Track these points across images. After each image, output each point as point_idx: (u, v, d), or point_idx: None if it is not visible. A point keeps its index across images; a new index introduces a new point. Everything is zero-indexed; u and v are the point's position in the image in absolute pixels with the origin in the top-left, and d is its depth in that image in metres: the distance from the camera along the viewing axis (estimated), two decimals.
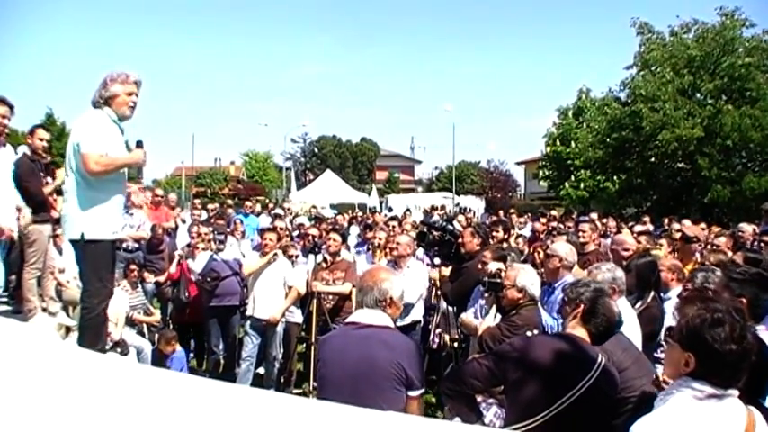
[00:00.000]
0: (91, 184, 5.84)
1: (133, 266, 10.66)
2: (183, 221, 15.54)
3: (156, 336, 10.28)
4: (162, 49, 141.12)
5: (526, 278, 6.08)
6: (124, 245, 11.67)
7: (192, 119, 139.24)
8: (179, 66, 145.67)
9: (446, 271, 8.04)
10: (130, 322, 9.98)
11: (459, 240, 8.35)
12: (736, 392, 2.84)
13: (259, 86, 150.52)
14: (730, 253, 8.67)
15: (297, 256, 10.25)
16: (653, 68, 30.68)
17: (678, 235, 10.06)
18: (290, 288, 9.40)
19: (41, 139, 8.57)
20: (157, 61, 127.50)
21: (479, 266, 7.23)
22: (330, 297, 9.22)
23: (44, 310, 8.59)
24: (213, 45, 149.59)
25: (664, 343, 3.12)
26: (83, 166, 5.74)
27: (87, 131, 5.83)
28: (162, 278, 11.61)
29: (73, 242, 5.99)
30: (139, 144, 6.27)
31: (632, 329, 5.21)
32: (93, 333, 5.91)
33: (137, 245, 11.95)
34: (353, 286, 9.39)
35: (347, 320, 4.44)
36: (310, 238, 11.00)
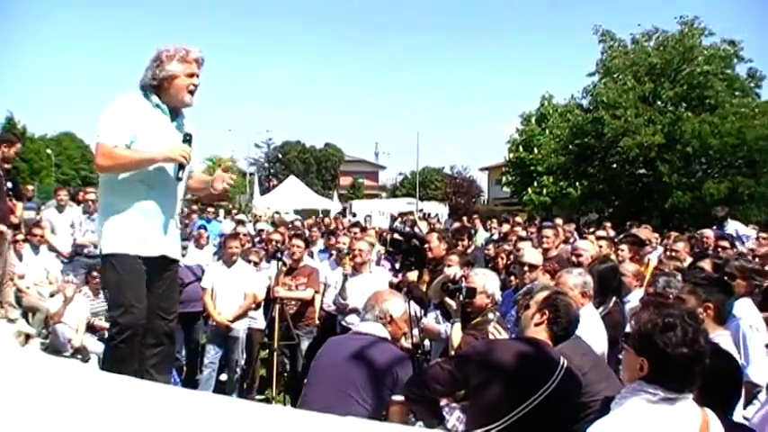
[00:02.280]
0: (110, 186, 4.91)
1: (95, 272, 10.52)
2: None
3: None
4: (124, 53, 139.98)
5: (493, 284, 6.13)
6: (85, 250, 11.55)
7: None
8: (139, 67, 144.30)
9: (413, 276, 8.04)
10: (92, 329, 9.86)
11: (426, 245, 8.37)
12: (690, 396, 2.86)
13: (223, 91, 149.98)
14: (688, 258, 8.81)
15: (259, 262, 10.17)
16: (615, 76, 30.99)
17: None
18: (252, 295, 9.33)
19: (17, 153, 8.44)
20: (119, 65, 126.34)
21: (445, 270, 7.25)
22: (293, 303, 9.23)
23: (4, 317, 8.49)
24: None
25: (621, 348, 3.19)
26: (96, 158, 4.79)
27: (106, 118, 4.80)
28: None
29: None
30: (187, 139, 5.00)
31: (599, 335, 5.24)
32: (116, 365, 4.70)
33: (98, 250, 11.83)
34: (316, 292, 9.40)
35: (351, 330, 5.03)
36: (273, 243, 10.93)
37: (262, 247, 11.70)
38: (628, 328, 5.22)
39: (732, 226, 13.19)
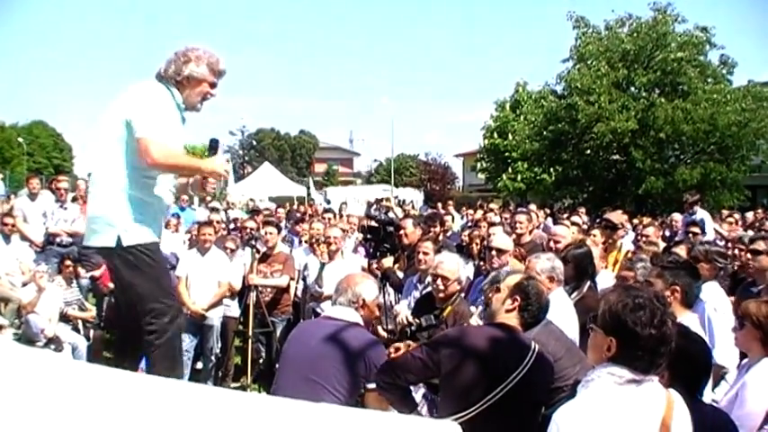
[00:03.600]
0: (134, 179, 4.61)
1: (68, 262, 10.45)
2: None
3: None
4: (90, 38, 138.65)
5: (463, 269, 6.16)
6: (58, 239, 11.44)
7: None
8: (109, 54, 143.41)
9: (388, 262, 8.05)
10: (65, 318, 9.80)
11: (402, 231, 8.38)
12: (655, 378, 2.90)
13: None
14: (662, 242, 8.93)
15: (234, 250, 10.11)
16: (588, 62, 31.07)
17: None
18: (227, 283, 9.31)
19: None
20: (85, 49, 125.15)
21: (419, 257, 7.25)
22: (268, 290, 9.19)
23: None
24: (148, 34, 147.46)
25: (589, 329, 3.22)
26: (139, 153, 4.46)
27: (149, 109, 4.53)
28: (98, 273, 11.36)
29: (107, 252, 4.69)
30: (214, 145, 5.04)
31: (569, 320, 5.27)
32: (169, 361, 4.77)
33: (71, 239, 11.73)
34: (291, 279, 9.38)
35: (322, 315, 4.78)
36: (248, 230, 10.86)
37: (236, 234, 11.67)
38: None
39: (700, 214, 13.22)
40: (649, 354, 2.85)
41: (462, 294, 6.27)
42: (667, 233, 12.21)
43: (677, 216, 12.99)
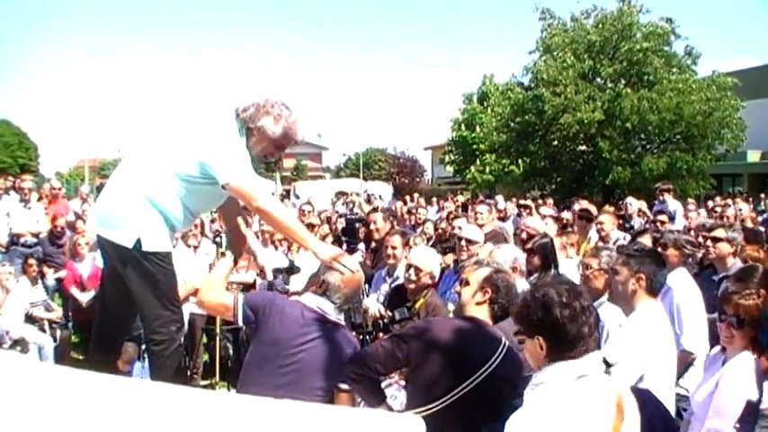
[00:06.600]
0: (173, 201, 4.55)
1: (32, 261, 10.31)
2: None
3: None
4: (57, 35, 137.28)
5: (437, 267, 6.14)
6: (22, 239, 11.30)
7: (92, 109, 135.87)
8: (74, 56, 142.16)
9: (358, 257, 8.03)
10: (31, 319, 9.67)
11: (372, 226, 8.37)
12: (597, 368, 2.90)
13: (164, 72, 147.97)
14: (615, 230, 8.98)
15: (197, 246, 10.00)
16: (554, 53, 31.21)
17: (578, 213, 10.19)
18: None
19: None
20: (53, 47, 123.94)
21: (388, 251, 7.21)
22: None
23: None
24: (111, 33, 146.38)
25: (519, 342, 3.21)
26: (242, 198, 4.58)
27: (236, 156, 4.48)
28: (63, 273, 11.23)
29: (121, 251, 4.54)
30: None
31: None
32: (174, 367, 4.87)
33: (35, 239, 11.60)
34: (258, 275, 9.31)
35: (306, 305, 4.25)
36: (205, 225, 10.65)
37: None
38: None
39: (673, 205, 13.21)
40: (574, 335, 2.86)
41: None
42: (630, 223, 12.26)
43: (630, 200, 13.12)
